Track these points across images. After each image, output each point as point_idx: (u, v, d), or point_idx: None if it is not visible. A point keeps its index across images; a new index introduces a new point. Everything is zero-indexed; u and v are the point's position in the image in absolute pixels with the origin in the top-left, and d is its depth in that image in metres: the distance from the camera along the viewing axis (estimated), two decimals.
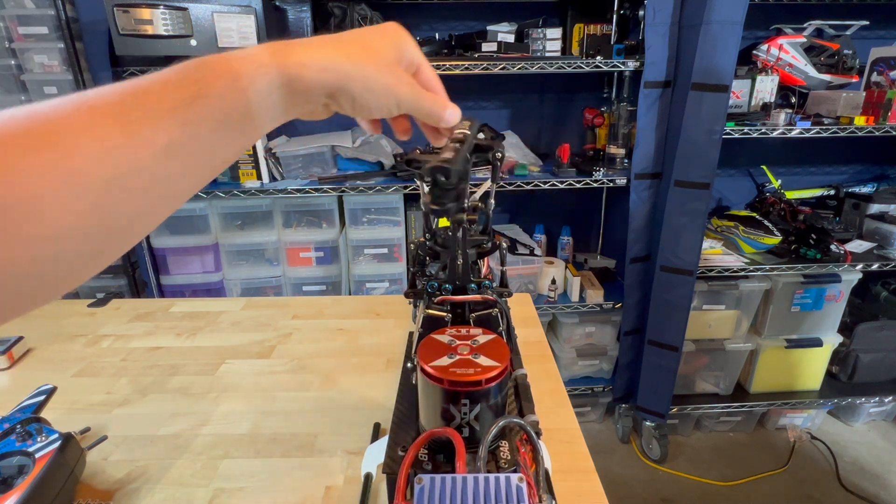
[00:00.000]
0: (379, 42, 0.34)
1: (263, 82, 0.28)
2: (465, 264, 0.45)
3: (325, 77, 0.31)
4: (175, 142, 0.25)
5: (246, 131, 0.29)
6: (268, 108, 0.29)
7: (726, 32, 1.32)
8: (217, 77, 0.27)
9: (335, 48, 0.32)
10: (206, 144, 0.27)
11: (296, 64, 0.30)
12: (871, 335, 1.79)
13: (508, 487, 0.28)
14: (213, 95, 0.26)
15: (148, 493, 0.54)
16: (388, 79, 0.34)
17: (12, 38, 1.39)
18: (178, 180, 0.27)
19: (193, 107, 0.26)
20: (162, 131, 0.24)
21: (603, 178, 1.63)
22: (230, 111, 0.27)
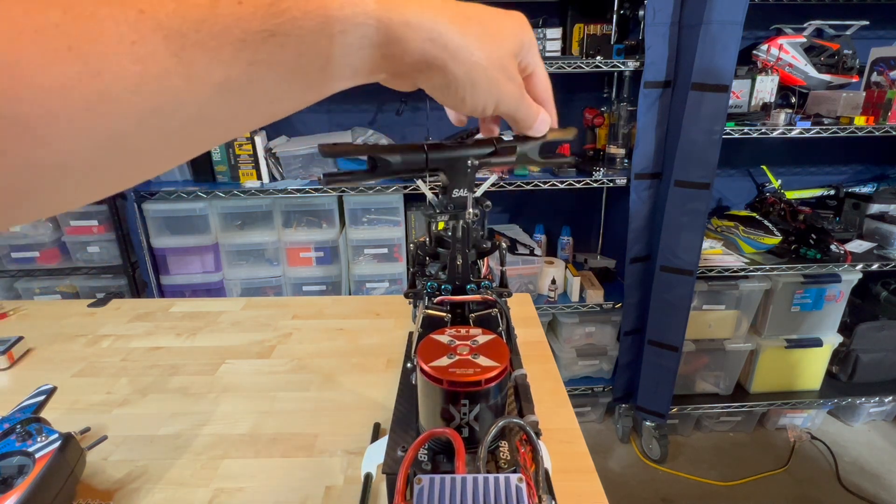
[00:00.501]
0: (503, 27, 0.30)
1: (357, 34, 0.23)
2: (465, 264, 0.45)
3: (428, 49, 0.26)
4: (234, 81, 0.21)
5: (315, 85, 0.24)
6: (350, 66, 0.25)
7: (726, 32, 1.32)
8: (305, 13, 0.22)
9: (452, 18, 0.27)
10: (269, 91, 0.23)
11: (401, 22, 0.25)
12: (871, 335, 1.79)
13: (508, 488, 0.28)
14: (295, 35, 0.21)
15: (148, 493, 0.54)
16: (498, 74, 0.29)
17: None
18: (226, 123, 0.23)
19: (268, 44, 0.21)
20: (222, 65, 0.20)
21: (603, 178, 1.63)
22: (309, 59, 0.23)
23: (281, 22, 0.21)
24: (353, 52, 0.24)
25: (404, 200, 1.68)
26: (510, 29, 0.30)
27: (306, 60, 0.22)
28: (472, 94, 0.29)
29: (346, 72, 0.25)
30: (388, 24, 0.24)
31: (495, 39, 0.29)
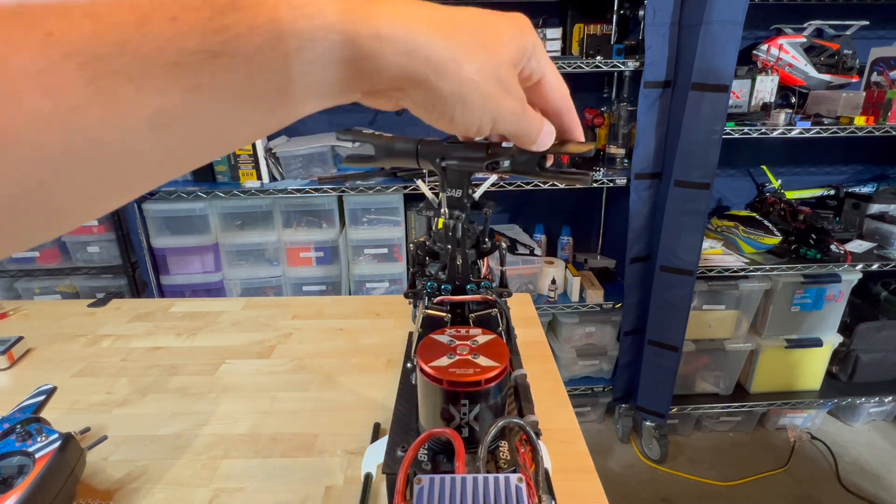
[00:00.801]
0: (500, 33, 0.26)
1: (318, 51, 0.20)
2: (465, 264, 0.45)
3: (405, 63, 0.22)
4: (170, 112, 0.18)
5: (276, 110, 0.21)
6: (317, 86, 0.21)
7: (726, 32, 1.32)
8: (252, 29, 0.18)
9: (435, 25, 0.23)
10: (216, 120, 0.19)
11: (371, 35, 0.21)
12: (871, 335, 1.79)
13: (508, 488, 0.28)
14: (241, 55, 0.18)
15: (148, 493, 0.54)
16: (493, 89, 0.25)
17: None
18: (164, 161, 0.19)
19: (209, 67, 0.18)
20: (153, 94, 0.17)
21: (603, 178, 1.63)
22: (262, 82, 0.19)
23: (224, 40, 0.18)
24: (315, 70, 0.20)
25: (404, 200, 1.68)
26: (508, 34, 0.27)
27: (259, 83, 0.19)
28: (462, 113, 0.26)
29: (312, 93, 0.21)
30: (355, 38, 0.21)
31: (490, 48, 0.25)
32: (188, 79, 0.17)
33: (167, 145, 0.19)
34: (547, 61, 0.29)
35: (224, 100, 0.19)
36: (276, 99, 0.20)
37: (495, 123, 0.27)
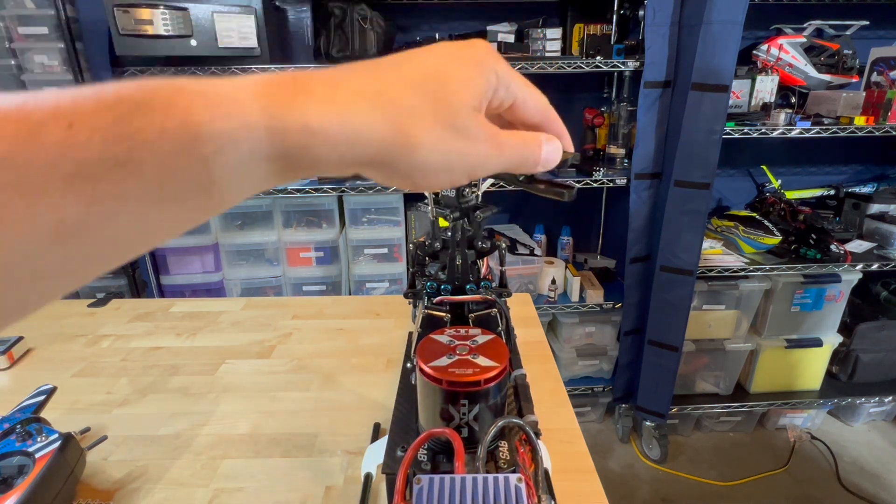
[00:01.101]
0: (449, 78, 0.23)
1: (241, 151, 0.18)
2: (465, 264, 0.45)
3: (344, 152, 0.21)
4: (73, 225, 0.16)
5: (200, 210, 0.19)
6: (244, 183, 0.20)
7: (726, 32, 1.32)
8: (163, 133, 0.17)
9: (370, 100, 0.21)
10: (129, 227, 0.18)
11: (300, 129, 0.19)
12: (871, 335, 1.79)
13: (507, 488, 0.28)
14: (151, 162, 0.17)
15: (148, 493, 0.54)
16: (453, 143, 0.23)
17: (12, 38, 1.39)
18: (75, 269, 0.18)
19: (115, 175, 0.16)
20: (49, 208, 0.16)
21: (603, 178, 1.63)
22: (179, 186, 0.18)
23: (129, 147, 0.16)
24: (240, 170, 0.19)
25: (404, 200, 1.68)
26: (461, 77, 0.23)
27: (174, 188, 0.18)
28: (425, 179, 0.23)
29: (241, 189, 0.20)
30: (283, 134, 0.19)
31: (441, 101, 0.22)
32: (89, 189, 0.16)
33: (76, 256, 0.17)
34: (517, 82, 0.26)
35: (135, 207, 0.17)
36: (197, 199, 0.19)
37: (472, 172, 0.24)
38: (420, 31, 1.78)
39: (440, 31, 1.75)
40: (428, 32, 1.77)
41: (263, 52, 1.43)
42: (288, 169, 0.20)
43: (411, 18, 1.76)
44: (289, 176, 0.21)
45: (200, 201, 0.19)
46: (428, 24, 1.78)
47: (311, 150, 0.20)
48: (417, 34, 1.76)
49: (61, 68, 1.41)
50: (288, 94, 0.20)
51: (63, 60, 1.40)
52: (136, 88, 0.17)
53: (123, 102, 0.17)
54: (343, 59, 1.52)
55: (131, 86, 0.17)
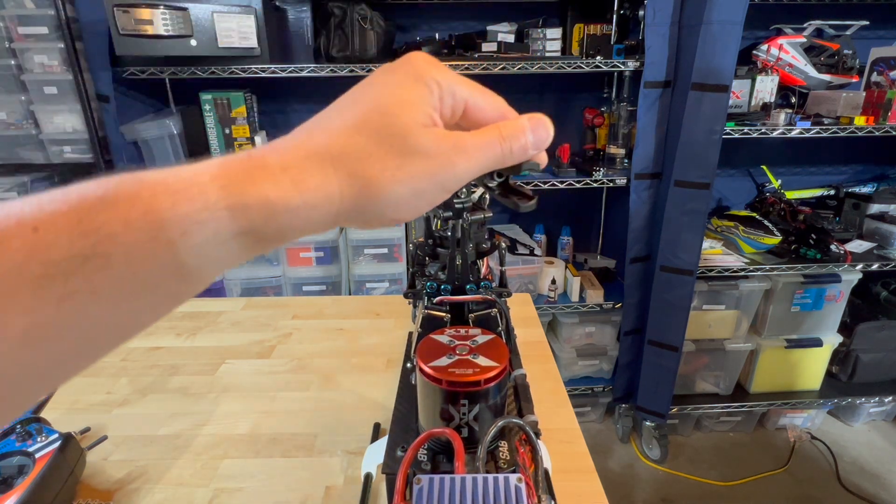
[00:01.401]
0: (391, 104, 0.23)
1: (207, 232, 0.19)
2: (465, 264, 0.45)
3: (308, 215, 0.21)
4: (43, 325, 0.16)
5: (176, 293, 0.20)
6: (216, 262, 0.20)
7: (726, 32, 1.32)
8: (127, 224, 0.17)
9: (321, 158, 0.21)
10: (103, 319, 0.18)
11: (260, 203, 0.20)
12: (871, 335, 1.79)
13: (507, 488, 0.28)
14: (119, 253, 0.17)
15: (148, 493, 0.54)
16: (419, 166, 0.23)
17: (12, 38, 1.39)
18: (51, 371, 0.18)
19: (84, 270, 0.16)
20: (19, 312, 0.16)
21: (603, 178, 1.63)
22: (150, 274, 0.18)
23: (95, 241, 0.17)
24: (210, 250, 0.19)
25: None
26: (402, 98, 0.23)
27: (147, 276, 0.18)
28: (400, 212, 0.23)
29: (214, 268, 0.20)
30: (244, 210, 0.19)
31: (390, 130, 0.22)
32: (59, 288, 0.16)
33: (50, 357, 0.17)
34: (463, 87, 0.25)
35: (108, 300, 0.17)
36: (170, 284, 0.19)
37: (446, 185, 0.24)
38: (420, 31, 1.78)
39: (440, 31, 1.75)
40: (428, 32, 1.77)
41: (263, 52, 1.43)
42: (257, 242, 0.21)
43: (411, 18, 1.76)
44: (259, 249, 0.21)
45: (173, 286, 0.19)
46: (428, 24, 1.78)
47: (275, 221, 0.20)
48: (417, 34, 1.76)
49: (61, 68, 1.41)
50: (244, 171, 0.20)
51: (63, 60, 1.40)
52: (97, 185, 0.18)
53: (86, 200, 0.17)
54: (343, 59, 1.52)
55: (93, 184, 0.18)
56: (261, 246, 0.21)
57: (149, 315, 0.20)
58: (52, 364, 0.17)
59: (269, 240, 0.21)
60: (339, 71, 1.47)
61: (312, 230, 0.22)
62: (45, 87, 1.42)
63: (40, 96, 1.43)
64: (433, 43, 1.65)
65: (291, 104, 1.83)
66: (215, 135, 1.59)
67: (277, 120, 1.82)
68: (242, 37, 1.38)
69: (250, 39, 1.39)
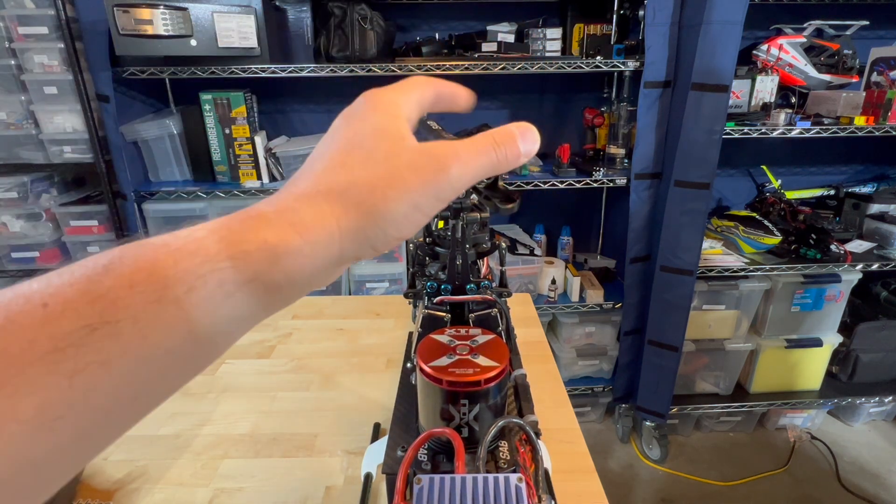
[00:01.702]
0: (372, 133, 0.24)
1: (212, 285, 0.18)
2: (465, 264, 0.45)
3: (317, 254, 0.21)
4: (56, 404, 0.15)
5: (191, 357, 0.19)
6: (229, 319, 0.19)
7: (726, 32, 1.32)
8: (133, 285, 0.17)
9: (318, 198, 0.22)
10: (121, 391, 0.17)
11: (260, 247, 0.20)
12: (871, 335, 1.79)
13: (507, 488, 0.28)
14: (125, 319, 0.17)
15: (148, 493, 0.54)
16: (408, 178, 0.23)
17: (12, 38, 1.39)
18: (70, 450, 0.17)
19: (93, 340, 0.16)
20: (31, 392, 0.15)
21: (603, 178, 1.63)
22: (159, 338, 0.17)
23: (102, 308, 0.16)
24: (218, 304, 0.19)
25: None
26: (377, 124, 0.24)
27: (158, 340, 0.17)
28: (401, 230, 0.23)
29: (228, 326, 0.19)
30: (246, 257, 0.19)
31: (377, 155, 0.23)
32: (70, 363, 0.16)
33: (68, 436, 0.16)
34: (415, 91, 0.26)
35: (122, 370, 0.17)
36: (185, 348, 0.18)
37: (442, 195, 0.24)
38: (420, 31, 1.78)
39: (440, 31, 1.75)
40: (428, 32, 1.77)
41: (263, 52, 1.43)
42: (267, 293, 0.20)
43: (411, 18, 1.76)
44: (272, 301, 0.21)
45: (188, 350, 0.19)
46: (428, 24, 1.78)
47: (278, 265, 0.20)
48: (417, 34, 1.76)
49: (61, 68, 1.41)
50: (240, 222, 0.20)
51: (63, 60, 1.40)
52: (102, 255, 0.18)
53: (93, 270, 0.17)
54: (343, 59, 1.52)
55: (99, 255, 0.18)
56: (272, 297, 0.21)
57: (167, 385, 0.19)
58: (71, 444, 0.17)
59: (279, 288, 0.20)
60: (339, 71, 1.47)
61: (322, 272, 0.22)
62: (45, 87, 1.42)
63: (40, 96, 1.43)
64: (433, 43, 1.65)
65: (291, 104, 1.83)
66: (215, 135, 1.59)
67: (277, 120, 1.82)
68: (242, 37, 1.38)
69: (250, 39, 1.39)
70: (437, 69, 1.48)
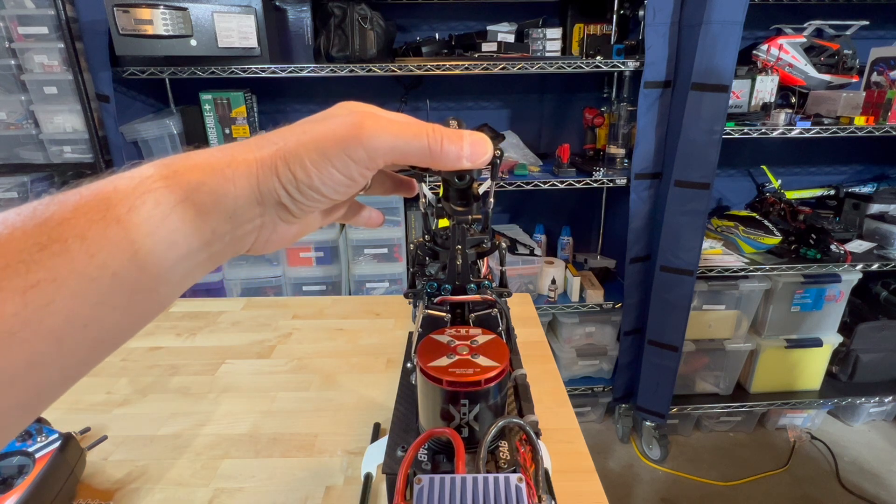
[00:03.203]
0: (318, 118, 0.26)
1: (150, 204, 0.20)
2: (465, 264, 0.45)
3: (238, 178, 0.23)
4: (8, 319, 0.16)
5: (140, 285, 0.20)
6: (169, 245, 0.20)
7: (726, 32, 1.32)
8: (78, 207, 0.18)
9: (243, 143, 0.24)
10: (72, 317, 0.18)
11: (188, 168, 0.22)
12: (871, 335, 1.79)
13: (508, 488, 0.28)
14: (72, 238, 0.18)
15: (148, 493, 0.54)
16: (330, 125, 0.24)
17: (12, 38, 1.39)
18: (28, 375, 0.17)
19: (44, 256, 0.17)
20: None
21: (603, 178, 1.63)
22: (108, 256, 0.18)
23: (50, 230, 0.17)
24: (156, 225, 0.20)
25: (404, 200, 1.68)
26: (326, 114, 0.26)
27: (104, 259, 0.18)
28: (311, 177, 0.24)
29: (168, 254, 0.21)
30: (176, 177, 0.21)
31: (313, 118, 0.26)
32: (20, 279, 0.16)
33: (25, 356, 0.17)
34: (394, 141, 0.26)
35: (72, 290, 0.17)
36: (131, 271, 0.19)
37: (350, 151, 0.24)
38: (420, 31, 1.78)
39: (440, 31, 1.75)
40: (428, 32, 1.77)
41: (263, 51, 1.43)
42: (198, 217, 0.22)
43: (411, 18, 1.76)
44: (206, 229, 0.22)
45: (132, 274, 0.19)
46: (428, 24, 1.78)
47: (206, 185, 0.22)
48: (417, 34, 1.76)
49: (61, 68, 1.41)
50: (177, 156, 0.22)
51: (63, 60, 1.40)
52: (57, 195, 0.19)
53: (36, 203, 0.18)
54: (343, 59, 1.52)
55: (54, 196, 0.19)
56: (204, 223, 0.22)
57: (115, 318, 0.19)
58: (24, 371, 0.17)
59: (208, 211, 0.22)
60: (338, 71, 1.47)
61: (243, 203, 0.23)
62: (45, 87, 1.42)
63: (40, 96, 1.43)
64: (433, 43, 1.65)
65: (291, 104, 1.83)
66: (215, 135, 1.59)
67: (277, 120, 1.82)
68: (242, 37, 1.38)
69: (250, 39, 1.39)
70: (437, 69, 1.48)
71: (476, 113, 1.91)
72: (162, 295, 0.21)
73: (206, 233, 0.22)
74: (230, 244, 0.24)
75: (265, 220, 0.25)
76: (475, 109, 1.91)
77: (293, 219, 0.26)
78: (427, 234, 0.49)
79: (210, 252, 0.23)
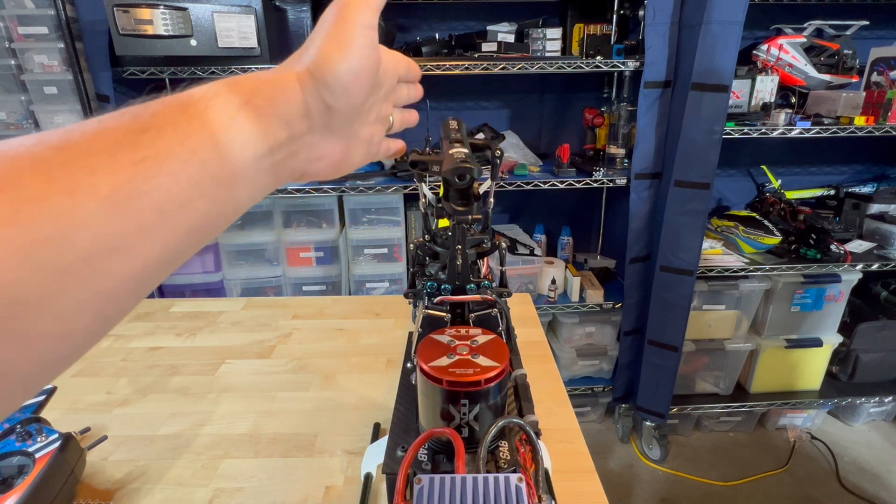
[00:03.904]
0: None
1: (221, 104, 0.24)
2: (465, 264, 0.45)
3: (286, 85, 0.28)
4: (123, 184, 0.19)
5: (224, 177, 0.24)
6: (241, 142, 0.25)
7: (726, 32, 1.32)
8: (164, 105, 0.23)
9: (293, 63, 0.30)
10: (172, 194, 0.21)
11: (247, 79, 0.27)
12: (871, 335, 1.79)
13: (508, 487, 0.28)
14: (165, 126, 0.22)
15: (148, 493, 0.54)
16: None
17: (12, 38, 1.39)
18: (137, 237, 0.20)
19: (143, 142, 0.21)
20: (101, 174, 0.19)
21: (603, 178, 1.63)
22: (195, 143, 0.22)
23: (147, 120, 0.22)
24: (228, 122, 0.24)
25: (404, 200, 1.68)
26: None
27: (193, 144, 0.22)
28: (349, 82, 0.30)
29: (240, 151, 0.25)
30: (238, 86, 0.26)
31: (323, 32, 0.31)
32: (129, 153, 0.20)
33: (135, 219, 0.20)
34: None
35: (170, 167, 0.21)
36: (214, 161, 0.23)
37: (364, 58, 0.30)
38: (420, 31, 1.78)
39: (440, 31, 1.75)
40: (428, 32, 1.77)
41: (263, 52, 1.42)
42: (259, 120, 0.26)
43: (411, 18, 1.76)
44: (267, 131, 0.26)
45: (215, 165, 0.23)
46: (428, 24, 1.78)
47: (261, 92, 0.26)
48: (417, 34, 1.76)
49: (61, 68, 1.41)
50: (233, 76, 0.27)
51: (63, 60, 1.40)
52: (147, 101, 0.23)
53: (130, 105, 0.23)
54: None
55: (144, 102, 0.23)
56: (265, 126, 0.26)
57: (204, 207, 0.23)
58: (136, 235, 0.20)
59: (266, 115, 0.26)
60: None
61: (294, 108, 0.28)
62: (45, 87, 1.42)
63: (40, 96, 1.43)
64: (433, 43, 1.65)
65: None
66: None
67: None
68: (242, 37, 1.38)
69: (250, 39, 1.39)
70: (437, 69, 1.48)
71: (476, 113, 1.91)
72: (238, 195, 0.25)
73: (268, 136, 0.26)
74: (289, 156, 0.28)
75: (314, 139, 0.30)
76: (475, 109, 1.91)
77: (338, 126, 0.31)
78: (427, 234, 0.49)
79: (273, 160, 0.27)
